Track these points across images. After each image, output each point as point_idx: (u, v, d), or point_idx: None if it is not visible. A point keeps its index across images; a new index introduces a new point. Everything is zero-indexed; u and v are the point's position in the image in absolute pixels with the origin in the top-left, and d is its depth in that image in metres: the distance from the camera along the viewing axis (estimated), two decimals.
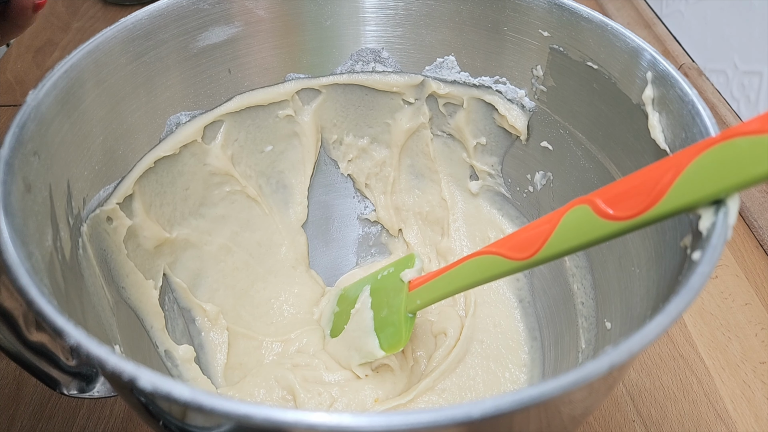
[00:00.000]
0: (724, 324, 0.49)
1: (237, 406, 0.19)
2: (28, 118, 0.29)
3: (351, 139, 0.50)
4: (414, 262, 0.42)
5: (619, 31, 0.35)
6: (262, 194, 0.48)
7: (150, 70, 0.38)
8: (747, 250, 0.54)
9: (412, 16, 0.43)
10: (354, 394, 0.41)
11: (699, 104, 0.29)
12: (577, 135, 0.40)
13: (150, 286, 0.40)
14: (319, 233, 0.52)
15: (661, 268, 0.30)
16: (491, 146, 0.47)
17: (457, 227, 0.51)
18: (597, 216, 0.27)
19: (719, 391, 0.44)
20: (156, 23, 0.38)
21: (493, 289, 0.48)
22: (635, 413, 0.43)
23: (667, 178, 0.24)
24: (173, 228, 0.43)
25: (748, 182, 0.22)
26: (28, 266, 0.24)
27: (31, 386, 0.44)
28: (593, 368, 0.21)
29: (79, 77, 0.33)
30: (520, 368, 0.44)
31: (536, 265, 0.30)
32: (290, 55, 0.45)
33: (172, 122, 0.41)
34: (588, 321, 0.39)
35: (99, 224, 0.36)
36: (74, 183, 0.33)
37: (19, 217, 0.26)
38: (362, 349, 0.42)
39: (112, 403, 0.43)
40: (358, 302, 0.44)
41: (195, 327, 0.45)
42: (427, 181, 0.51)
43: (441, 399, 0.42)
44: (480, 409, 0.19)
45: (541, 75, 0.41)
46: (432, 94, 0.46)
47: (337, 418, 0.19)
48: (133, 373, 0.20)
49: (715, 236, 0.24)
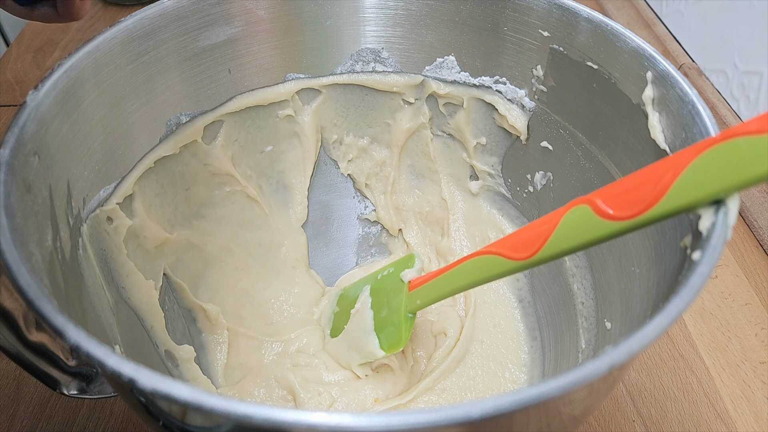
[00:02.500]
0: (724, 324, 0.49)
1: (237, 406, 0.19)
2: (28, 118, 0.29)
3: (351, 139, 0.50)
4: (414, 262, 0.42)
5: (619, 31, 0.35)
6: (262, 194, 0.48)
7: (150, 70, 0.38)
8: (747, 250, 0.54)
9: (412, 16, 0.43)
10: (354, 394, 0.41)
11: (699, 104, 0.29)
12: (577, 135, 0.40)
13: (150, 287, 0.40)
14: (319, 233, 0.52)
15: (661, 268, 0.30)
16: (491, 146, 0.47)
17: (457, 227, 0.51)
18: (597, 216, 0.27)
19: (719, 391, 0.44)
20: (156, 23, 0.38)
21: (493, 289, 0.48)
22: (635, 413, 0.43)
23: (667, 178, 0.24)
24: (173, 228, 0.43)
25: (748, 182, 0.22)
26: (28, 266, 0.24)
27: (31, 386, 0.44)
28: (593, 368, 0.21)
29: (79, 77, 0.33)
30: (520, 368, 0.44)
31: (536, 265, 0.30)
32: (290, 55, 0.45)
33: (172, 122, 0.41)
34: (588, 321, 0.39)
35: (99, 224, 0.36)
36: (74, 183, 0.33)
37: (19, 217, 0.26)
38: (362, 349, 0.42)
39: (112, 403, 0.43)
40: (358, 302, 0.44)
41: (195, 327, 0.45)
42: (427, 181, 0.51)
43: (441, 399, 0.42)
44: (480, 409, 0.19)
45: (541, 75, 0.41)
46: (432, 94, 0.46)
47: (337, 418, 0.19)
48: (133, 373, 0.20)
49: (715, 236, 0.24)
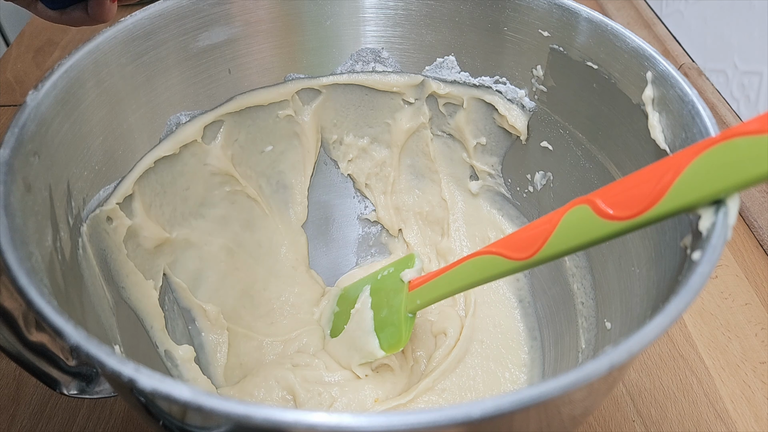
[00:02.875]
0: (724, 324, 0.49)
1: (237, 406, 0.19)
2: (28, 118, 0.29)
3: (351, 139, 0.50)
4: (414, 262, 0.42)
5: (619, 31, 0.35)
6: (262, 194, 0.48)
7: (150, 70, 0.38)
8: (747, 250, 0.54)
9: (412, 16, 0.43)
10: (354, 394, 0.41)
11: (699, 104, 0.29)
12: (577, 135, 0.40)
13: (150, 286, 0.40)
14: (319, 233, 0.52)
15: (661, 268, 0.30)
16: (491, 146, 0.47)
17: (457, 227, 0.51)
18: (597, 216, 0.27)
19: (719, 391, 0.44)
20: (156, 23, 0.38)
21: (493, 289, 0.48)
22: (635, 413, 0.43)
23: (667, 178, 0.24)
24: (173, 228, 0.43)
25: (748, 182, 0.22)
26: (27, 266, 0.24)
27: (31, 386, 0.44)
28: (593, 368, 0.21)
29: (78, 77, 0.33)
30: (520, 368, 0.44)
31: (536, 265, 0.30)
32: (290, 55, 0.45)
33: (172, 122, 0.41)
34: (588, 321, 0.39)
35: (99, 224, 0.36)
36: (74, 183, 0.33)
37: (19, 217, 0.26)
38: (362, 349, 0.42)
39: (112, 403, 0.43)
40: (358, 302, 0.44)
41: (195, 327, 0.45)
42: (427, 181, 0.51)
43: (441, 399, 0.42)
44: (480, 409, 0.19)
45: (541, 75, 0.41)
46: (432, 94, 0.46)
47: (337, 418, 0.19)
48: (133, 373, 0.20)
49: (715, 236, 0.24)
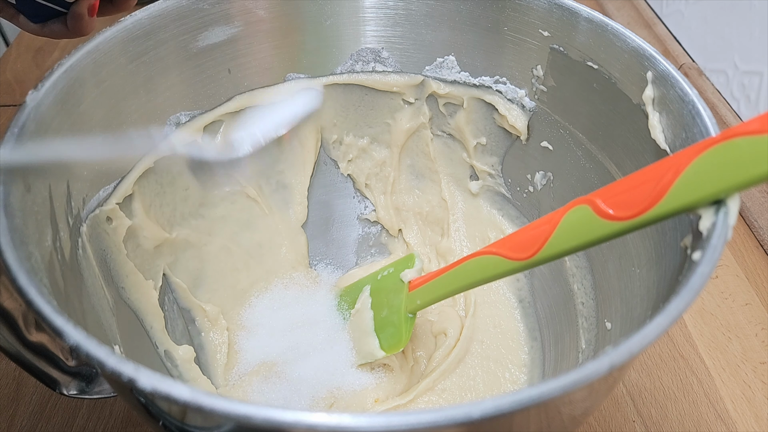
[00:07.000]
0: (724, 324, 0.49)
1: (237, 406, 0.19)
2: (28, 118, 0.29)
3: (351, 139, 0.49)
4: (414, 262, 0.42)
5: (619, 31, 0.35)
6: (262, 194, 0.48)
7: (150, 70, 0.38)
8: (747, 250, 0.54)
9: (412, 16, 0.43)
10: (354, 394, 0.41)
11: (699, 104, 0.29)
12: (577, 135, 0.40)
13: (150, 287, 0.40)
14: (319, 233, 0.52)
15: (661, 268, 0.30)
16: (491, 146, 0.47)
17: (457, 227, 0.51)
18: (597, 216, 0.27)
19: (719, 391, 0.44)
20: (156, 23, 0.38)
21: (493, 289, 0.48)
22: (635, 413, 0.43)
23: (667, 178, 0.24)
24: (173, 228, 0.43)
25: (748, 182, 0.22)
26: (27, 266, 0.24)
27: (31, 386, 0.44)
28: (593, 368, 0.21)
29: (78, 77, 0.33)
30: (520, 368, 0.44)
31: (536, 265, 0.30)
32: (290, 55, 0.45)
33: (172, 122, 0.41)
34: (588, 321, 0.39)
35: (99, 224, 0.36)
36: (74, 183, 0.33)
37: (18, 217, 0.26)
38: (362, 349, 0.42)
39: (112, 403, 0.43)
40: (358, 302, 0.44)
41: (195, 327, 0.45)
42: (427, 181, 0.51)
43: (441, 399, 0.42)
44: (480, 409, 0.19)
45: (541, 75, 0.41)
46: (432, 94, 0.46)
47: (337, 418, 0.19)
48: (133, 373, 0.20)
49: (715, 236, 0.24)
